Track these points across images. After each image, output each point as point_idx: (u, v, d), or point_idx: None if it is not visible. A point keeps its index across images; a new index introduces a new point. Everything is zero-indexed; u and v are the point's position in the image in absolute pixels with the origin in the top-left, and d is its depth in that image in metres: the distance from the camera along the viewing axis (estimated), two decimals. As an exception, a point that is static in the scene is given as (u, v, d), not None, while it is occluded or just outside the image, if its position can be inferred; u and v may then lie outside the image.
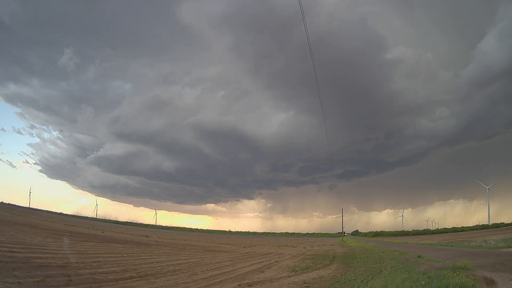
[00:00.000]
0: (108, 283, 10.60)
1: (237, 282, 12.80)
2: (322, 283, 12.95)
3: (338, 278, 14.09)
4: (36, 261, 12.11)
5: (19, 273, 9.74)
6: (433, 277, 10.26)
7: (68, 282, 9.89)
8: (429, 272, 11.21)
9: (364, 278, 13.26)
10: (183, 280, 12.58)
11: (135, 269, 13.97)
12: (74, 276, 10.78)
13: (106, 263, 14.74)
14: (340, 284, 12.38)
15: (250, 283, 12.76)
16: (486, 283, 9.16)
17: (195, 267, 16.92)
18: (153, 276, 12.82)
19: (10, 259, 11.52)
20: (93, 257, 16.16)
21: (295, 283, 13.02)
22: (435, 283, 9.34)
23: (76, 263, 13.35)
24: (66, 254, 15.82)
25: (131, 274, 12.77)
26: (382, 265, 17.55)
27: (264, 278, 14.13)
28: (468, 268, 11.27)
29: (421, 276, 10.88)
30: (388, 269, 14.82)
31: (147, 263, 16.59)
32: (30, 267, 10.80)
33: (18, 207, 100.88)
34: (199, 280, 12.84)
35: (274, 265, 20.09)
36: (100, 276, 11.48)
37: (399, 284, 10.17)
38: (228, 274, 15.19)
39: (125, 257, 18.61)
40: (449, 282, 8.95)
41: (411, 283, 10.03)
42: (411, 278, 10.86)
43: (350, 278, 13.53)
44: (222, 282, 12.70)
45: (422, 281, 9.92)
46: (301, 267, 18.82)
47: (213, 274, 14.85)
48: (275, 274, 15.91)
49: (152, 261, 18.09)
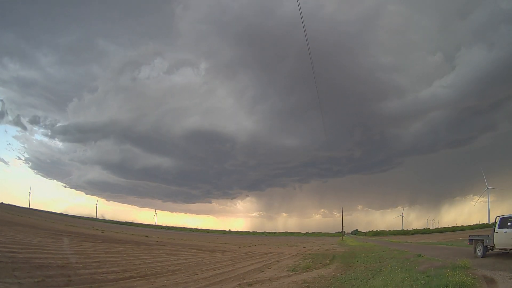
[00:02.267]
0: (108, 283, 10.60)
1: (237, 282, 12.81)
2: (322, 282, 12.96)
3: (338, 277, 14.10)
4: (36, 261, 12.11)
5: (19, 274, 9.74)
6: (433, 276, 10.26)
7: (68, 282, 9.89)
8: (429, 271, 11.21)
9: (364, 277, 13.27)
10: (183, 280, 12.59)
11: (135, 269, 13.98)
12: (74, 276, 10.78)
13: (106, 263, 14.73)
14: (340, 283, 12.39)
15: (250, 282, 12.76)
16: (486, 282, 9.17)
17: (195, 267, 16.93)
18: (153, 276, 12.82)
19: (10, 259, 11.51)
20: (93, 257, 16.16)
21: (295, 282, 13.03)
22: (435, 282, 9.34)
23: (76, 263, 13.34)
24: (66, 254, 15.80)
25: (131, 274, 12.77)
26: (382, 264, 17.57)
27: (264, 278, 14.14)
28: (468, 267, 11.27)
29: (421, 275, 10.89)
30: (388, 268, 14.83)
31: (147, 263, 16.59)
32: (30, 268, 10.80)
33: (17, 207, 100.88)
34: (199, 280, 12.84)
35: (274, 265, 20.11)
36: (100, 276, 11.48)
37: (399, 283, 10.19)
38: (228, 273, 15.20)
39: (125, 257, 18.61)
40: (449, 281, 8.94)
41: (411, 282, 10.04)
42: (411, 277, 10.87)
43: (350, 277, 13.54)
44: (222, 282, 12.71)
45: (422, 280, 9.92)
46: (301, 267, 18.83)
47: (213, 273, 14.85)
48: (275, 273, 15.92)
49: (152, 261, 18.09)
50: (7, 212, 56.22)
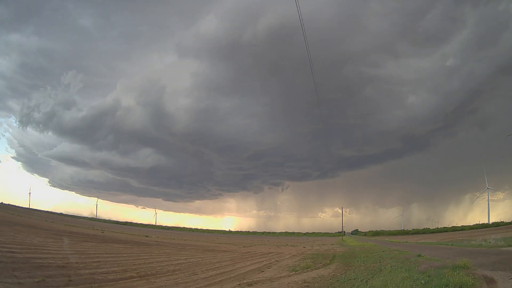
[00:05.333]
0: (108, 283, 10.60)
1: (237, 282, 12.80)
2: (322, 282, 12.95)
3: (338, 277, 14.09)
4: (36, 261, 12.12)
5: (19, 274, 9.75)
6: (433, 276, 10.25)
7: (68, 282, 9.90)
8: (429, 271, 11.19)
9: (364, 277, 13.26)
10: (183, 280, 12.59)
11: (135, 269, 13.98)
12: (74, 276, 10.79)
13: (106, 263, 14.74)
14: (340, 283, 12.39)
15: (250, 282, 12.76)
16: (486, 282, 9.16)
17: (195, 267, 16.93)
18: (153, 276, 12.82)
19: (10, 259, 11.52)
20: (93, 257, 16.15)
21: (295, 282, 13.02)
22: (435, 282, 9.34)
23: (76, 263, 13.35)
24: (66, 254, 15.81)
25: (131, 274, 12.77)
26: (382, 264, 17.55)
27: (264, 278, 14.13)
28: (468, 267, 11.26)
29: (421, 275, 10.88)
30: (388, 268, 14.82)
31: (147, 263, 16.60)
32: (30, 268, 10.81)
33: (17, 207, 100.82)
34: (199, 280, 12.84)
35: (274, 265, 20.10)
36: (100, 276, 11.48)
37: (399, 283, 10.17)
38: (228, 273, 15.19)
39: (125, 257, 18.61)
40: (449, 281, 8.94)
41: (411, 282, 10.03)
42: (411, 277, 10.86)
43: (350, 277, 13.53)
44: (222, 282, 12.70)
45: (422, 280, 9.91)
46: (301, 267, 18.82)
47: (213, 273, 14.85)
48: (275, 273, 15.91)
49: (152, 261, 18.09)
50: (7, 212, 56.24)
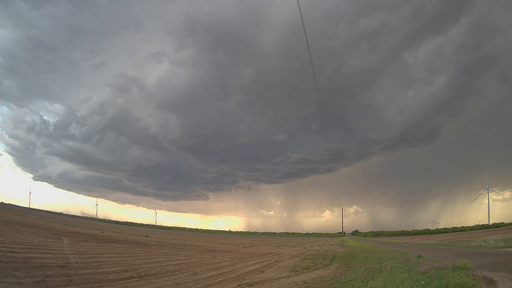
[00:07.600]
0: (108, 283, 10.61)
1: (237, 282, 12.80)
2: (322, 283, 12.95)
3: (338, 278, 14.09)
4: (36, 261, 12.12)
5: (19, 273, 9.75)
6: (433, 277, 10.25)
7: (68, 282, 9.91)
8: (429, 272, 11.19)
9: (364, 278, 13.26)
10: (183, 280, 12.59)
11: (135, 269, 13.98)
12: (74, 276, 10.79)
13: (106, 263, 14.74)
14: (340, 284, 12.39)
15: (250, 283, 12.76)
16: (486, 283, 9.15)
17: (195, 267, 16.93)
18: (153, 276, 12.83)
19: (10, 259, 11.52)
20: (93, 257, 16.16)
21: (295, 283, 13.02)
22: (435, 283, 9.34)
23: (76, 263, 13.35)
24: (66, 254, 15.81)
25: (131, 274, 12.77)
26: (382, 265, 17.54)
27: (264, 278, 14.13)
28: (468, 268, 11.25)
29: (421, 276, 10.87)
30: (388, 269, 14.81)
31: (147, 263, 16.60)
32: (30, 267, 10.81)
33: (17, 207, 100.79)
34: (199, 280, 12.84)
35: (274, 265, 20.10)
36: (100, 276, 11.48)
37: (399, 284, 10.18)
38: (228, 274, 15.19)
39: (125, 257, 18.61)
40: (449, 282, 8.94)
41: (411, 283, 10.03)
42: (411, 278, 10.86)
43: (350, 278, 13.53)
44: (222, 282, 12.71)
45: (422, 281, 9.92)
46: (301, 267, 18.81)
47: (213, 274, 14.85)
48: (275, 274, 15.91)
49: (152, 261, 18.09)
50: (7, 212, 56.27)
